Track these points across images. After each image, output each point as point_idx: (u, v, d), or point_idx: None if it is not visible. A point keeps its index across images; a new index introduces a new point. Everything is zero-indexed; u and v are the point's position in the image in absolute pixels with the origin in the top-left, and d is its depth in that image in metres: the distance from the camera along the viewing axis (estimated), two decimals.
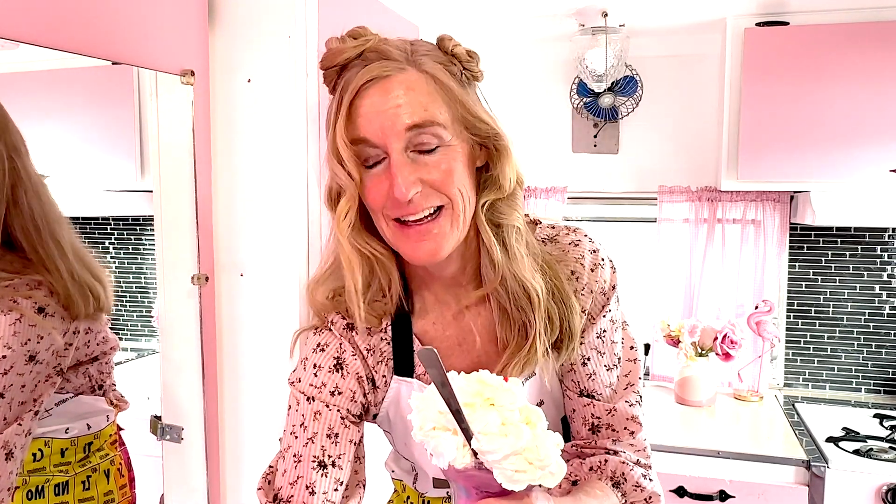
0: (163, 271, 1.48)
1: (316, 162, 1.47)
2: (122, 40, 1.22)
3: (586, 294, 0.90)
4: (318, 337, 0.93)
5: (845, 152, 2.04)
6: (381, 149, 0.79)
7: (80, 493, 1.28)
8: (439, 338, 0.92)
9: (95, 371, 1.30)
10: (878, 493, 1.79)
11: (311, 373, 0.90)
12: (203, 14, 1.42)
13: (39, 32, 1.06)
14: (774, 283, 2.41)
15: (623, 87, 2.49)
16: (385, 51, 0.80)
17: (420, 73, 0.80)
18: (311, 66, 1.43)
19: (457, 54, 0.84)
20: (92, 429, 1.30)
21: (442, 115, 0.80)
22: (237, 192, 1.48)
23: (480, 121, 0.83)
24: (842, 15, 2.06)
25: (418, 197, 0.80)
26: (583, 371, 0.92)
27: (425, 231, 0.81)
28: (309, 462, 0.87)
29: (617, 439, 0.93)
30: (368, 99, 0.79)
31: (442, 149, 0.80)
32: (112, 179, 1.93)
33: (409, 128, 0.78)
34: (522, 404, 0.69)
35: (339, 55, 0.82)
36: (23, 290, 1.07)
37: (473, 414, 0.67)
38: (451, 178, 0.81)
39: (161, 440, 1.48)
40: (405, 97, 0.78)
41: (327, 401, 0.89)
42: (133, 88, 1.80)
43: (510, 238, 0.86)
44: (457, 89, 0.82)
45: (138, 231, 2.52)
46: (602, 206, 2.62)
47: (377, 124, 0.78)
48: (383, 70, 0.79)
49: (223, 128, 1.47)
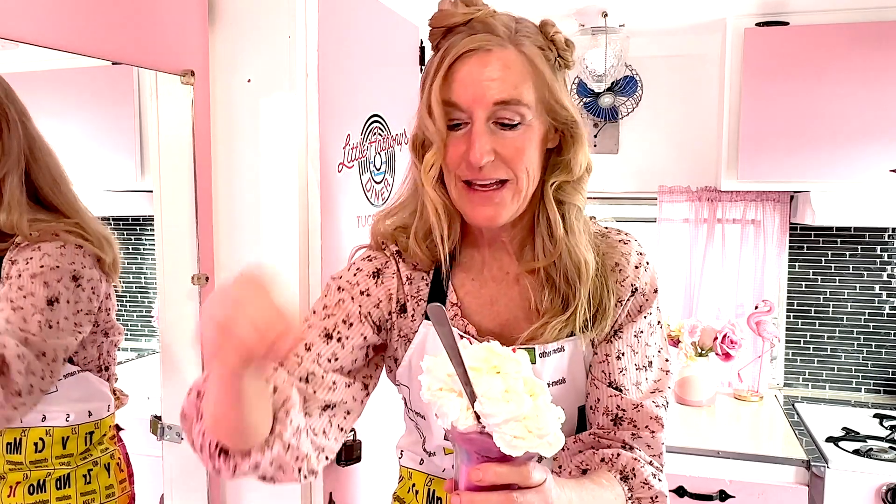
0: (163, 271, 1.48)
1: (316, 161, 1.47)
2: (122, 40, 1.23)
3: (626, 287, 0.96)
4: (371, 251, 1.01)
5: (845, 152, 2.04)
6: (468, 114, 0.86)
7: (82, 486, 1.29)
8: (473, 293, 0.98)
9: (105, 349, 1.34)
10: (878, 493, 1.79)
11: (351, 272, 0.99)
12: (203, 14, 1.42)
13: (39, 32, 1.06)
14: (774, 283, 2.41)
15: (623, 87, 2.49)
16: (491, 24, 0.86)
17: (518, 53, 0.86)
18: (311, 66, 1.44)
19: (555, 41, 0.90)
20: (93, 416, 1.32)
21: (529, 95, 0.86)
22: (237, 192, 1.48)
23: (563, 107, 0.89)
24: (842, 15, 2.06)
25: (489, 166, 0.86)
26: (616, 364, 0.95)
27: (488, 197, 0.88)
28: (318, 329, 0.93)
29: (636, 435, 0.94)
30: (466, 67, 0.85)
31: (522, 127, 0.86)
32: (112, 179, 1.94)
33: (496, 102, 0.84)
34: (527, 375, 0.72)
35: (449, 18, 0.87)
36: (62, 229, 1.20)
37: (479, 378, 0.70)
38: (521, 156, 0.87)
39: (161, 440, 1.48)
40: (500, 73, 0.84)
41: (354, 295, 0.96)
42: (133, 88, 1.80)
43: (570, 215, 0.93)
44: (548, 74, 0.88)
45: (138, 231, 2.52)
46: (602, 206, 2.62)
47: (470, 92, 0.85)
48: (486, 42, 0.85)
49: (223, 128, 1.47)
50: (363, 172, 1.67)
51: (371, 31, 1.67)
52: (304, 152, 1.44)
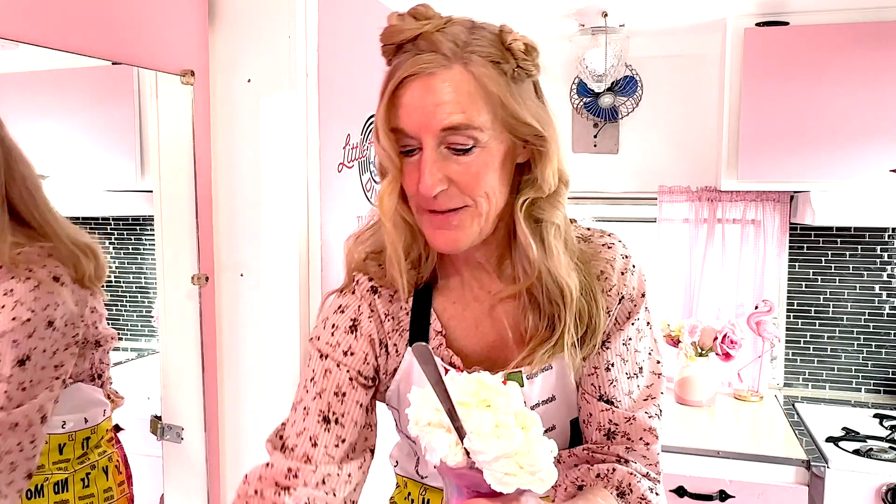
0: (163, 271, 1.48)
1: (316, 161, 1.47)
2: (122, 40, 1.22)
3: (613, 296, 0.91)
4: (341, 299, 0.96)
5: (845, 152, 2.04)
6: (417, 140, 0.81)
7: (80, 490, 1.28)
8: (458, 317, 0.94)
9: (97, 358, 1.32)
10: (878, 493, 1.79)
11: (328, 332, 0.94)
12: (203, 14, 1.42)
13: (39, 32, 1.06)
14: (774, 283, 2.41)
15: (623, 87, 2.49)
16: (437, 42, 0.79)
17: (465, 72, 0.79)
18: (311, 66, 1.44)
19: (513, 49, 0.82)
20: (89, 423, 1.30)
21: (481, 117, 0.80)
22: (237, 192, 1.48)
23: (523, 123, 0.83)
24: (842, 15, 2.06)
25: (443, 195, 0.81)
26: (605, 376, 0.92)
27: (446, 221, 0.83)
28: (315, 415, 0.90)
29: (631, 448, 0.91)
30: (410, 92, 0.79)
31: (477, 150, 0.81)
32: (112, 179, 1.93)
33: (444, 128, 0.79)
34: (519, 408, 0.69)
35: (397, 35, 0.82)
36: (36, 259, 1.12)
37: (468, 413, 0.68)
38: (478, 181, 0.81)
39: (161, 440, 1.48)
40: (446, 97, 0.78)
41: (339, 360, 0.92)
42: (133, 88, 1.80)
43: (549, 235, 0.87)
44: (501, 91, 0.81)
45: (138, 231, 2.52)
46: (602, 206, 2.62)
47: (415, 119, 0.79)
48: (429, 64, 0.79)
49: (223, 128, 1.47)
50: (363, 172, 1.67)
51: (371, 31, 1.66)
52: (304, 152, 1.44)
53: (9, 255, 1.09)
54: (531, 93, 0.85)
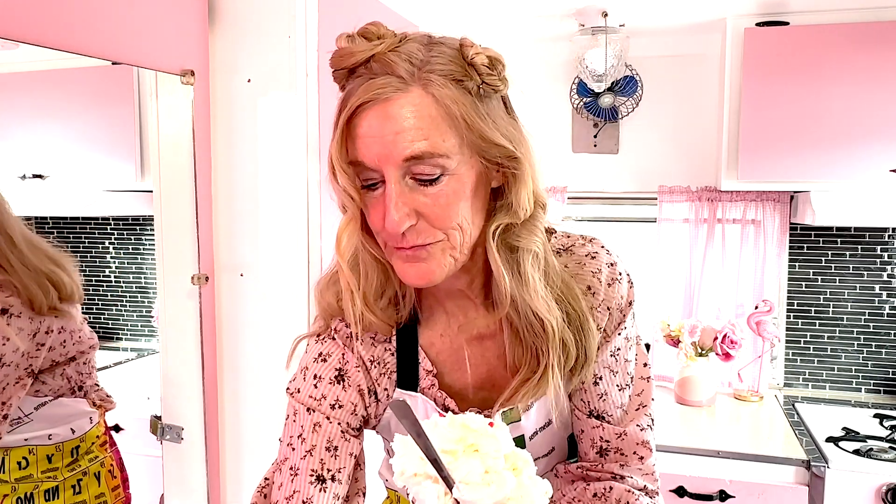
0: (163, 271, 1.48)
1: (316, 161, 1.47)
2: (122, 40, 1.22)
3: (602, 311, 0.86)
4: (321, 346, 0.89)
5: (845, 152, 2.04)
6: (379, 173, 0.73)
7: (71, 497, 1.27)
8: (447, 351, 0.89)
9: (74, 372, 1.29)
10: (878, 493, 1.79)
11: (311, 383, 0.87)
12: (203, 14, 1.42)
13: (39, 32, 1.06)
14: (774, 283, 2.41)
15: (623, 87, 2.49)
16: (391, 63, 0.72)
17: (425, 94, 0.72)
18: (311, 66, 1.44)
19: (475, 64, 0.74)
20: (76, 433, 1.29)
21: (446, 142, 0.72)
22: (237, 192, 1.48)
23: (493, 144, 0.75)
24: (842, 15, 2.06)
25: (411, 231, 0.74)
26: (594, 391, 0.88)
27: (415, 255, 0.76)
28: (306, 476, 0.83)
29: (625, 464, 0.89)
30: (366, 121, 0.72)
31: (445, 178, 0.73)
32: (112, 179, 1.94)
33: (406, 158, 0.71)
34: (509, 450, 0.66)
35: (348, 59, 0.74)
36: None
37: (455, 462, 0.64)
38: (448, 212, 0.74)
39: (161, 440, 1.48)
40: (405, 123, 0.71)
41: (328, 413, 0.85)
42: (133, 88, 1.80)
43: (525, 263, 0.80)
44: (466, 112, 0.73)
45: (138, 231, 2.52)
46: (602, 206, 2.62)
47: (374, 150, 0.72)
48: (383, 91, 0.71)
49: (223, 128, 1.47)
50: None
51: None
52: (304, 152, 1.44)
53: None
54: (500, 110, 0.78)
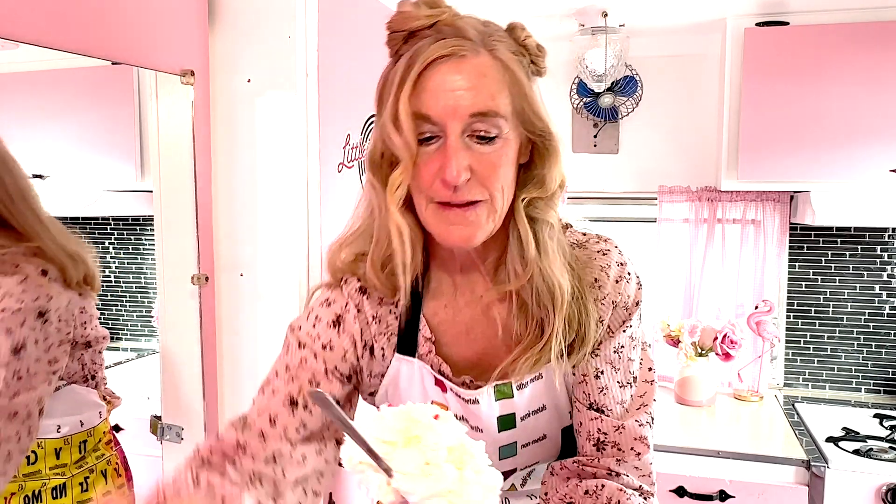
0: (163, 271, 1.48)
1: (316, 162, 1.47)
2: (122, 40, 1.22)
3: (606, 304, 0.88)
4: (329, 292, 0.93)
5: (845, 152, 2.04)
6: (440, 127, 0.77)
7: (79, 494, 1.27)
8: (448, 322, 0.91)
9: (89, 359, 1.30)
10: (878, 493, 1.79)
11: (310, 322, 0.91)
12: (203, 14, 1.42)
13: (39, 32, 1.06)
14: (774, 283, 2.41)
15: (623, 87, 2.49)
16: (461, 28, 0.78)
17: (493, 59, 0.78)
18: (311, 66, 1.44)
19: (527, 46, 0.82)
20: (85, 425, 1.29)
21: (506, 106, 0.78)
22: (237, 192, 1.48)
23: (539, 118, 0.82)
24: (842, 15, 2.06)
25: (464, 185, 0.78)
26: (595, 384, 0.89)
27: (462, 215, 0.80)
28: (283, 397, 0.88)
29: (621, 459, 0.89)
30: (439, 75, 0.76)
31: (499, 141, 0.79)
32: (112, 179, 1.94)
33: (472, 114, 0.76)
34: (454, 444, 0.66)
35: (411, 21, 0.79)
36: (22, 258, 1.11)
37: (395, 452, 0.65)
38: (496, 173, 0.79)
39: (161, 440, 1.48)
40: (476, 81, 0.76)
41: (317, 352, 0.89)
42: (133, 88, 1.80)
43: (543, 234, 0.85)
44: (525, 82, 0.80)
45: (138, 231, 2.53)
46: (602, 206, 2.62)
47: (442, 103, 0.76)
48: (460, 48, 0.77)
49: (223, 128, 1.47)
50: (363, 172, 1.67)
51: (371, 31, 1.67)
52: (304, 152, 1.44)
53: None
54: (540, 92, 0.84)
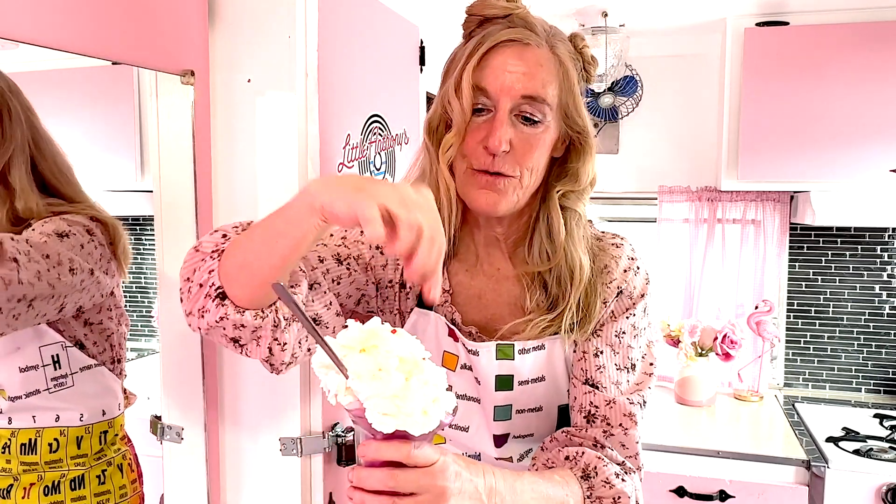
0: (163, 271, 1.48)
1: (316, 162, 1.47)
2: (122, 40, 1.23)
3: (612, 289, 0.96)
4: None
5: (845, 152, 2.04)
6: (493, 101, 0.88)
7: (96, 486, 1.29)
8: (464, 284, 0.99)
9: (116, 340, 1.35)
10: (878, 493, 1.79)
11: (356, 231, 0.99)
12: (203, 14, 1.42)
13: (39, 32, 1.06)
14: (774, 283, 2.41)
15: (623, 87, 2.49)
16: (531, 22, 0.89)
17: (552, 55, 0.89)
18: (311, 66, 1.44)
19: (583, 54, 0.94)
20: (106, 415, 1.32)
21: (553, 97, 0.89)
22: (237, 192, 1.48)
23: (580, 115, 0.93)
24: (842, 15, 2.06)
25: (501, 157, 0.88)
26: (593, 361, 0.95)
27: (493, 182, 0.89)
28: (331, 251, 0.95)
29: (608, 433, 0.93)
30: (502, 56, 0.87)
31: (541, 125, 0.89)
32: (112, 179, 1.94)
33: (524, 95, 0.87)
34: (406, 355, 0.71)
35: (490, 8, 0.90)
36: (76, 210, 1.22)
37: (352, 356, 0.70)
38: (532, 154, 0.89)
39: (161, 440, 1.48)
40: (532, 68, 0.87)
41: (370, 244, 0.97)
42: (133, 88, 1.80)
43: (571, 222, 0.95)
44: (574, 81, 0.91)
45: (138, 231, 2.53)
46: (602, 206, 2.62)
47: (500, 80, 0.87)
48: (526, 36, 0.88)
49: (223, 128, 1.47)
50: (363, 172, 1.67)
51: (371, 31, 1.67)
52: (304, 152, 1.44)
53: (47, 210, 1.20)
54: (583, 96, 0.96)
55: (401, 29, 1.80)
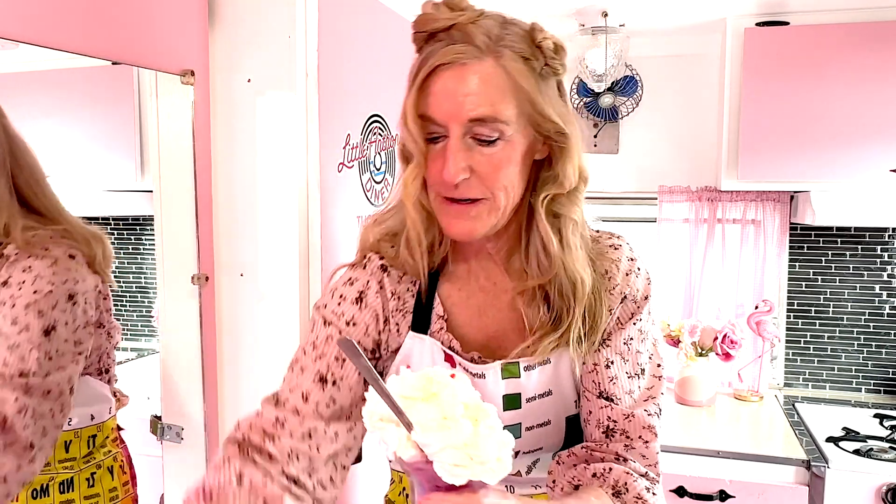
0: (163, 271, 1.48)
1: (316, 162, 1.47)
2: (122, 40, 1.22)
3: (616, 295, 0.93)
4: (351, 272, 0.97)
5: (845, 152, 2.03)
6: (444, 128, 0.82)
7: (86, 489, 1.28)
8: (461, 304, 0.95)
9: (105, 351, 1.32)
10: (878, 493, 1.79)
11: (335, 301, 0.95)
12: (203, 14, 1.42)
13: (39, 32, 1.06)
14: (774, 283, 2.41)
15: (623, 87, 2.49)
16: (471, 33, 0.81)
17: (497, 66, 0.81)
18: (311, 66, 1.44)
19: (542, 47, 0.84)
20: (95, 419, 1.30)
21: (508, 111, 0.81)
22: (237, 192, 1.48)
23: (548, 120, 0.85)
24: (842, 15, 2.06)
25: (464, 184, 0.83)
26: (605, 373, 0.93)
27: (463, 211, 0.85)
28: (312, 374, 0.91)
29: (629, 446, 0.92)
30: (441, 81, 0.81)
31: (501, 143, 0.82)
32: (112, 179, 1.94)
33: (471, 119, 0.80)
34: (469, 400, 0.70)
35: (432, 23, 0.83)
36: (50, 241, 1.14)
37: (414, 407, 0.69)
38: (498, 173, 0.83)
39: (161, 440, 1.48)
40: (476, 88, 0.80)
41: (341, 328, 0.93)
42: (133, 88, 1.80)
43: (566, 229, 0.89)
44: (530, 87, 0.83)
45: (138, 231, 2.53)
46: (602, 206, 2.62)
47: (444, 107, 0.81)
48: (462, 55, 0.80)
49: (223, 128, 1.47)
50: (363, 172, 1.67)
51: (371, 31, 1.67)
52: (304, 152, 1.44)
53: (22, 237, 1.12)
54: (555, 91, 0.87)
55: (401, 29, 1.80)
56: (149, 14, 1.28)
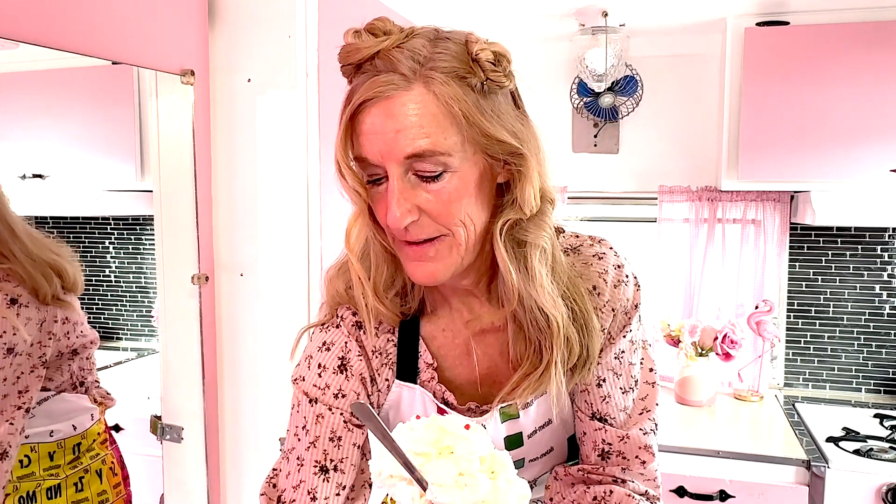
0: (163, 271, 1.48)
1: (316, 161, 1.47)
2: (122, 40, 1.23)
3: (606, 312, 0.86)
4: (325, 334, 0.89)
5: (845, 152, 2.04)
6: (382, 169, 0.74)
7: (73, 494, 1.27)
8: (448, 345, 0.89)
9: (77, 367, 1.30)
10: (878, 493, 1.79)
11: (315, 372, 0.87)
12: (203, 14, 1.42)
13: (39, 32, 1.06)
14: (774, 283, 2.41)
15: (623, 87, 2.49)
16: (394, 61, 0.72)
17: (427, 93, 0.71)
18: (311, 65, 1.44)
19: (479, 61, 0.73)
20: (77, 429, 1.29)
21: (448, 140, 0.72)
22: (237, 192, 1.48)
23: (496, 141, 0.75)
24: (842, 15, 2.06)
25: (414, 226, 0.74)
26: (597, 392, 0.88)
27: (422, 252, 0.77)
28: (311, 466, 0.84)
29: (627, 468, 0.89)
30: (369, 118, 0.72)
31: (447, 175, 0.73)
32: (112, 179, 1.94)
33: (407, 156, 0.71)
34: (485, 453, 0.66)
35: (354, 55, 0.74)
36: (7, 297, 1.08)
37: (428, 464, 0.64)
38: (450, 208, 0.74)
39: (161, 440, 1.48)
40: (406, 122, 0.71)
41: (330, 403, 0.85)
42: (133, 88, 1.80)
43: (532, 259, 0.79)
44: (468, 110, 0.73)
45: (138, 231, 2.52)
46: (602, 206, 2.62)
47: (376, 147, 0.72)
48: (385, 89, 0.71)
49: (223, 128, 1.47)
50: None
51: None
52: (304, 152, 1.44)
53: None
54: (506, 105, 0.77)
55: None
56: (149, 14, 1.28)
